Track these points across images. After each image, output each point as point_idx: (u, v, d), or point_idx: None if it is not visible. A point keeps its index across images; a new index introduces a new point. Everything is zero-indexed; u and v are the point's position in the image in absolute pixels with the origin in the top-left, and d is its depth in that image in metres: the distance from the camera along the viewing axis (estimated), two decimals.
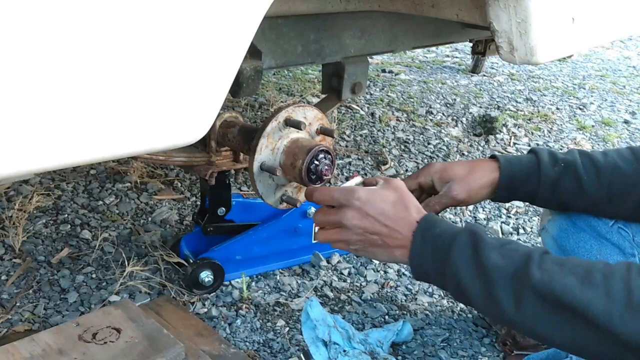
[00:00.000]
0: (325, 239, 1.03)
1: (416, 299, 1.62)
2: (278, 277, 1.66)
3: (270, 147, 1.23)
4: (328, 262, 1.73)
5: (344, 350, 1.29)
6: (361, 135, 2.70)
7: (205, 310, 1.50)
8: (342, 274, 1.70)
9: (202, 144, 1.39)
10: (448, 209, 2.08)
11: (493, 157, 1.18)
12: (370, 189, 0.99)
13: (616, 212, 1.16)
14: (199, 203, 1.96)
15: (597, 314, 0.79)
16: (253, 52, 1.25)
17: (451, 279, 0.90)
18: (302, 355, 1.34)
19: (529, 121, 3.08)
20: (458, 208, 2.10)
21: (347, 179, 2.17)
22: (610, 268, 0.83)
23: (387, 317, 1.54)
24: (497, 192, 1.16)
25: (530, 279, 0.83)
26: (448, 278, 0.91)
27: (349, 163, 2.40)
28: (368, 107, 3.07)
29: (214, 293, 1.56)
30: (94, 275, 1.61)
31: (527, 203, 2.18)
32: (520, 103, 3.38)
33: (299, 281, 1.65)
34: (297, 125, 1.22)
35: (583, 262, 0.86)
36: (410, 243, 0.94)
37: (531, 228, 2.04)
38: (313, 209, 1.66)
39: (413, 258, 0.94)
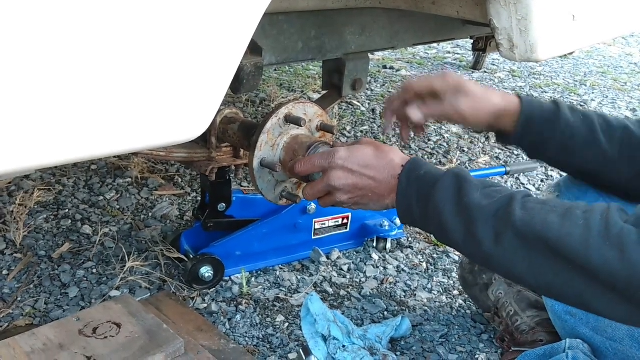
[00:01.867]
0: (322, 205, 1.07)
1: (415, 295, 1.62)
2: (278, 273, 1.66)
3: (270, 144, 1.24)
4: (328, 257, 1.74)
5: (343, 346, 1.30)
6: (362, 132, 2.70)
7: (205, 305, 1.51)
8: (341, 269, 1.71)
9: (203, 140, 1.40)
10: None
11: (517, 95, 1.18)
12: (348, 147, 1.02)
13: (619, 174, 1.15)
14: (199, 199, 1.96)
15: (573, 246, 0.80)
16: (254, 48, 1.25)
17: (434, 218, 0.92)
18: (301, 350, 1.34)
19: None
20: None
21: None
22: (591, 206, 0.84)
23: (386, 313, 1.54)
24: (515, 127, 1.14)
25: (512, 217, 0.84)
26: (431, 217, 0.92)
27: None
28: (369, 104, 3.07)
29: (213, 288, 1.57)
30: (94, 270, 1.61)
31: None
32: None
33: (299, 277, 1.66)
34: (297, 121, 1.22)
35: (565, 202, 0.87)
36: (397, 187, 0.97)
37: None
38: (313, 205, 1.66)
39: (399, 201, 0.96)
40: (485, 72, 3.87)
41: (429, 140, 2.67)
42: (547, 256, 0.82)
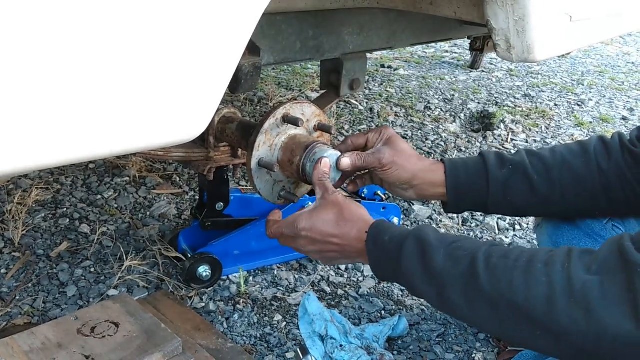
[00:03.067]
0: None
1: None
2: (275, 272, 1.67)
3: (268, 144, 1.24)
4: None
5: (341, 345, 1.30)
6: (360, 131, 2.71)
7: (203, 304, 1.51)
8: (339, 269, 1.71)
9: (201, 140, 1.40)
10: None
11: (441, 160, 1.19)
12: (310, 213, 1.04)
13: (569, 208, 1.15)
14: (197, 198, 1.97)
15: (540, 309, 0.79)
16: (252, 48, 1.26)
17: (406, 284, 0.95)
18: (298, 349, 1.35)
19: (527, 117, 3.09)
20: None
21: None
22: (552, 255, 0.83)
23: (383, 312, 1.55)
24: (447, 197, 1.16)
25: (478, 281, 0.84)
26: (403, 282, 0.95)
27: None
28: (367, 103, 3.08)
29: (211, 288, 1.57)
30: (92, 269, 1.62)
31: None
32: (518, 99, 3.38)
33: (297, 276, 1.66)
34: (294, 121, 1.23)
35: (526, 251, 0.86)
36: (366, 252, 0.99)
37: (527, 224, 2.05)
38: (310, 204, 1.66)
39: (372, 265, 0.99)
40: (483, 71, 3.88)
41: (427, 139, 2.67)
42: (518, 320, 0.82)
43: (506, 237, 1.97)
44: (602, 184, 1.10)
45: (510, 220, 2.06)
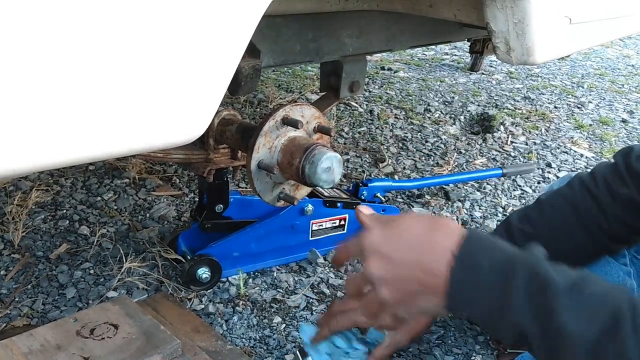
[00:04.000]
0: (380, 327, 0.93)
1: None
2: (275, 274, 1.67)
3: (267, 146, 1.24)
4: (325, 259, 1.74)
5: (346, 353, 1.29)
6: (359, 133, 2.71)
7: (202, 306, 1.51)
8: (338, 271, 1.71)
9: (200, 142, 1.40)
10: (444, 207, 2.10)
11: None
12: (384, 225, 0.83)
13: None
14: (197, 200, 1.97)
15: None
16: (251, 50, 1.26)
17: (510, 333, 0.73)
18: (297, 352, 1.35)
19: (526, 120, 3.09)
20: (454, 205, 2.11)
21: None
22: None
23: None
24: None
25: (621, 347, 0.64)
26: (502, 330, 0.73)
27: (347, 160, 2.40)
28: (367, 105, 3.08)
29: (211, 289, 1.57)
30: (92, 271, 1.62)
31: (525, 200, 2.21)
32: (518, 101, 3.39)
33: (296, 278, 1.66)
34: (294, 124, 1.23)
35: None
36: (449, 281, 0.75)
37: None
38: (311, 206, 1.67)
39: (453, 298, 0.75)
40: (483, 73, 3.88)
41: (427, 141, 2.67)
42: None
43: None
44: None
45: None
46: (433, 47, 4.36)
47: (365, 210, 0.91)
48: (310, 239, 1.73)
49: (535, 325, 0.69)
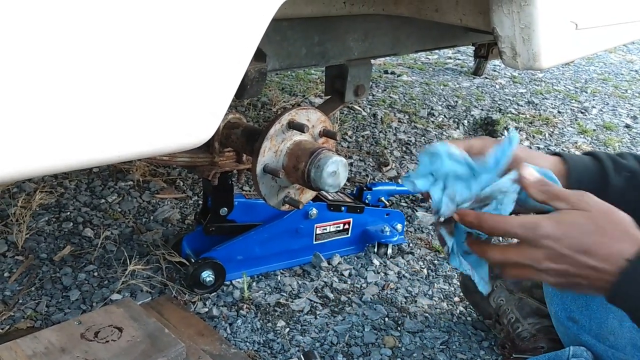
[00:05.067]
0: (511, 276, 0.84)
1: (416, 301, 1.63)
2: (279, 278, 1.66)
3: (273, 150, 1.24)
4: (329, 263, 1.74)
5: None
6: (363, 136, 2.71)
7: (206, 310, 1.51)
8: (342, 275, 1.71)
9: (206, 145, 1.40)
10: None
11: (556, 153, 1.00)
12: (558, 219, 0.78)
13: None
14: (201, 202, 1.97)
15: None
16: (258, 54, 1.26)
17: None
18: (301, 356, 1.34)
19: (530, 124, 3.09)
20: None
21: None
22: None
23: (387, 319, 1.54)
24: None
25: None
26: None
27: (351, 164, 2.40)
28: (370, 108, 3.08)
29: (215, 293, 1.57)
30: (95, 274, 1.61)
31: None
32: (521, 106, 3.38)
33: (300, 282, 1.66)
34: (300, 127, 1.23)
35: None
36: (620, 276, 0.75)
37: None
38: (315, 210, 1.67)
39: (618, 293, 0.76)
40: (486, 78, 3.88)
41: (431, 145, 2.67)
42: None
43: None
44: None
45: None
46: (437, 51, 4.36)
47: (531, 175, 0.83)
48: (314, 242, 1.73)
49: None
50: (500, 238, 0.94)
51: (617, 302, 0.79)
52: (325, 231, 1.73)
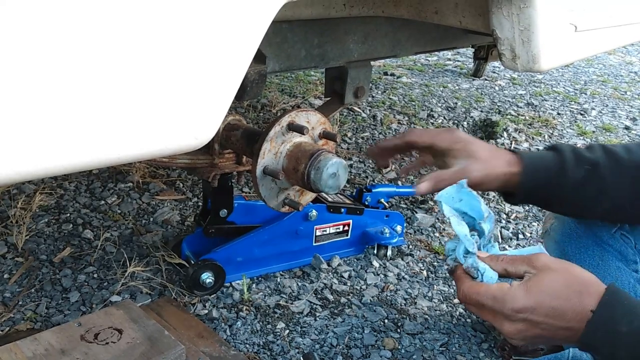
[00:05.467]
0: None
1: (416, 303, 1.63)
2: (278, 279, 1.66)
3: (273, 151, 1.24)
4: (328, 264, 1.74)
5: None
6: (363, 138, 2.71)
7: (206, 311, 1.51)
8: (342, 276, 1.71)
9: (206, 147, 1.40)
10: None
11: (512, 151, 1.06)
12: (527, 287, 0.81)
13: (637, 215, 1.07)
14: (200, 204, 1.97)
15: None
16: (257, 56, 1.26)
17: None
18: (301, 357, 1.34)
19: (529, 126, 3.09)
20: None
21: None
22: None
23: (386, 320, 1.54)
24: (516, 191, 1.04)
25: None
26: None
27: (351, 166, 2.40)
28: (370, 110, 3.08)
29: (214, 294, 1.57)
30: (95, 275, 1.61)
31: (528, 207, 2.20)
32: (521, 108, 3.39)
33: (300, 283, 1.66)
34: (300, 129, 1.23)
35: None
36: (586, 326, 0.78)
37: (530, 233, 2.04)
38: (315, 212, 1.67)
39: (585, 344, 0.80)
40: (486, 79, 3.88)
41: None
42: None
43: (509, 246, 1.97)
44: None
45: (513, 229, 2.06)
46: (436, 52, 4.36)
47: (484, 256, 0.90)
48: (314, 244, 1.73)
49: None
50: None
51: (587, 350, 0.82)
52: (325, 233, 1.74)
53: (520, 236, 2.02)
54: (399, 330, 1.51)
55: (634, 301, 0.79)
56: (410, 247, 1.89)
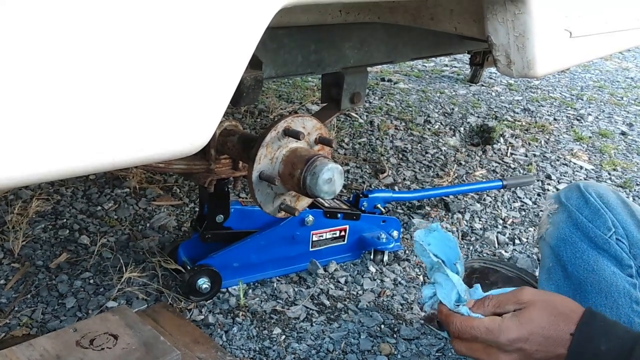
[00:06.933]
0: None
1: (412, 308, 1.63)
2: (275, 285, 1.66)
3: (269, 157, 1.25)
4: (325, 270, 1.74)
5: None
6: (360, 144, 2.71)
7: (202, 317, 1.51)
8: (338, 282, 1.71)
9: (202, 152, 1.40)
10: (444, 219, 2.10)
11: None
12: (519, 320, 0.86)
13: None
14: (197, 209, 1.97)
15: None
16: (254, 62, 1.27)
17: None
18: None
19: (526, 132, 3.10)
20: (454, 216, 2.12)
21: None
22: None
23: (383, 326, 1.54)
24: None
25: None
26: None
27: (348, 171, 2.41)
28: (367, 116, 3.09)
29: (210, 300, 1.57)
30: (91, 281, 1.61)
31: (524, 212, 2.20)
32: (517, 113, 3.40)
33: (296, 289, 1.66)
34: (295, 135, 1.23)
35: None
36: (569, 350, 0.83)
37: (527, 239, 2.05)
38: (311, 217, 1.67)
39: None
40: (483, 85, 3.89)
41: (427, 152, 2.68)
42: None
43: (506, 251, 1.97)
44: None
45: (510, 234, 2.06)
46: (433, 58, 4.38)
47: (470, 305, 0.94)
48: (311, 249, 1.73)
49: None
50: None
51: None
52: (321, 238, 1.74)
53: (517, 241, 2.02)
54: (395, 336, 1.51)
55: (610, 321, 0.85)
56: (407, 252, 1.89)
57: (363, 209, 1.89)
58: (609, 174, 2.66)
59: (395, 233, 1.86)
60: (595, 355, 0.81)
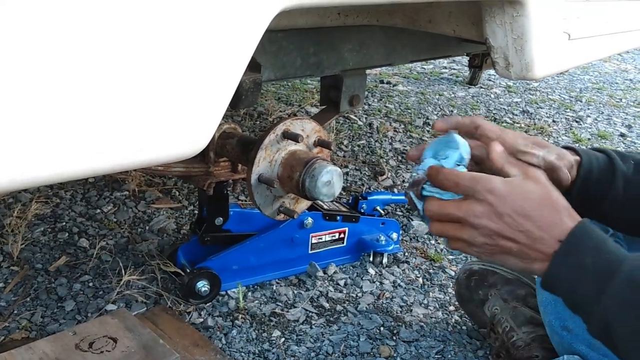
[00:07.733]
0: (439, 232, 0.84)
1: (411, 310, 1.63)
2: (274, 287, 1.66)
3: (268, 159, 1.25)
4: (324, 272, 1.74)
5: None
6: (359, 146, 2.71)
7: (201, 320, 1.51)
8: (338, 284, 1.71)
9: (201, 155, 1.41)
10: None
11: (567, 147, 0.98)
12: (509, 180, 0.80)
13: None
14: (196, 212, 1.97)
15: None
16: (252, 65, 1.27)
17: (597, 322, 0.76)
18: None
19: (525, 133, 3.10)
20: None
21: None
22: None
23: (382, 328, 1.54)
24: (574, 186, 0.95)
25: None
26: (591, 320, 0.77)
27: (347, 173, 2.41)
28: (366, 118, 3.09)
29: (210, 303, 1.57)
30: (90, 284, 1.61)
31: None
32: (516, 115, 3.40)
33: (295, 291, 1.66)
34: (294, 137, 1.24)
35: None
36: (553, 257, 0.77)
37: None
38: (310, 219, 1.67)
39: (550, 276, 0.78)
40: (481, 87, 3.90)
41: None
42: None
43: None
44: None
45: None
46: (432, 60, 4.38)
47: (498, 148, 0.86)
48: (310, 252, 1.73)
49: (622, 331, 0.73)
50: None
51: (550, 286, 0.80)
52: (320, 240, 1.74)
53: None
54: (394, 338, 1.51)
55: (603, 236, 0.78)
56: (406, 254, 1.89)
57: (362, 211, 1.90)
58: None
59: (394, 235, 1.86)
60: (577, 269, 0.75)
